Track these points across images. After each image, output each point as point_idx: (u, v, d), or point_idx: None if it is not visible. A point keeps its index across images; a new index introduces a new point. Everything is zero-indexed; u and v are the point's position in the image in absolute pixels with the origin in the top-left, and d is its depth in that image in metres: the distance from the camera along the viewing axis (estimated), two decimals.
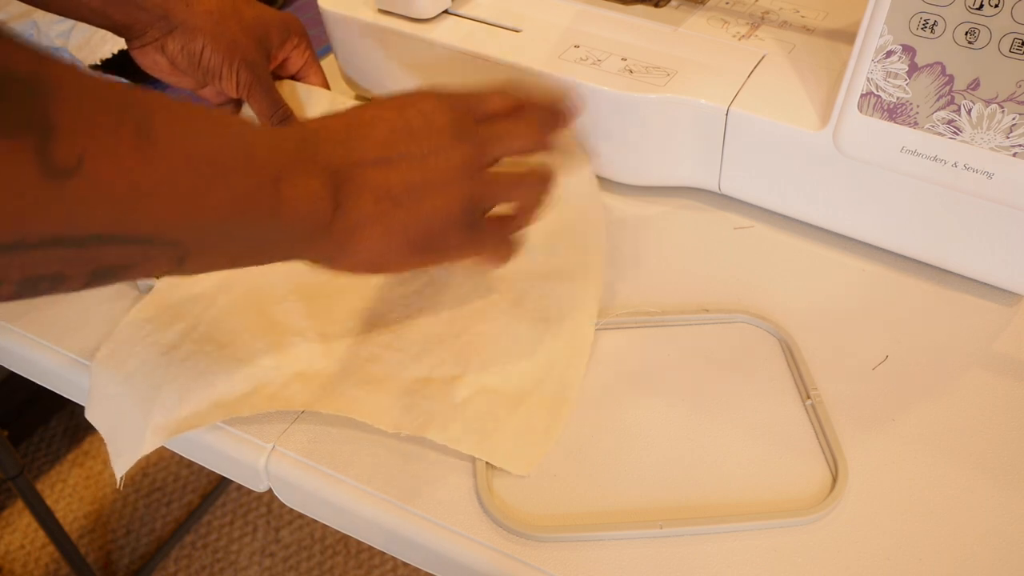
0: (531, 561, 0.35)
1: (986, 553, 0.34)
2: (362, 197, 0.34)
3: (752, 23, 0.51)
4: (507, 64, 0.49)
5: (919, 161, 0.41)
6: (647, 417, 0.40)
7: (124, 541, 1.19)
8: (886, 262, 0.47)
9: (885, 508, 0.36)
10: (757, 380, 0.41)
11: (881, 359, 0.42)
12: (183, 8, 0.47)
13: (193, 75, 0.49)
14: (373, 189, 0.34)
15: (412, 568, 1.16)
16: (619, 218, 0.50)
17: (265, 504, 1.23)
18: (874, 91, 0.41)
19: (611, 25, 0.52)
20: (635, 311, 0.44)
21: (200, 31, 0.47)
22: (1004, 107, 0.38)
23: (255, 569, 1.16)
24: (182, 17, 0.47)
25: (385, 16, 0.53)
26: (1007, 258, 0.43)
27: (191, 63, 0.48)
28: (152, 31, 0.47)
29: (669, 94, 0.46)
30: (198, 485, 1.26)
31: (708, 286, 0.46)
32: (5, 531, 1.21)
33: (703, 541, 0.35)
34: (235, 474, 0.41)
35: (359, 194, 0.34)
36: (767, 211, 0.50)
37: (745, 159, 0.47)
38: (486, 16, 0.53)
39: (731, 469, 0.38)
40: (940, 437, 0.38)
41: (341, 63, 0.58)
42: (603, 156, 0.51)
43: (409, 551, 0.37)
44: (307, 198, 0.32)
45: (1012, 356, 0.42)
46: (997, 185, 0.40)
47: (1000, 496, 0.36)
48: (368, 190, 0.34)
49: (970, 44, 0.37)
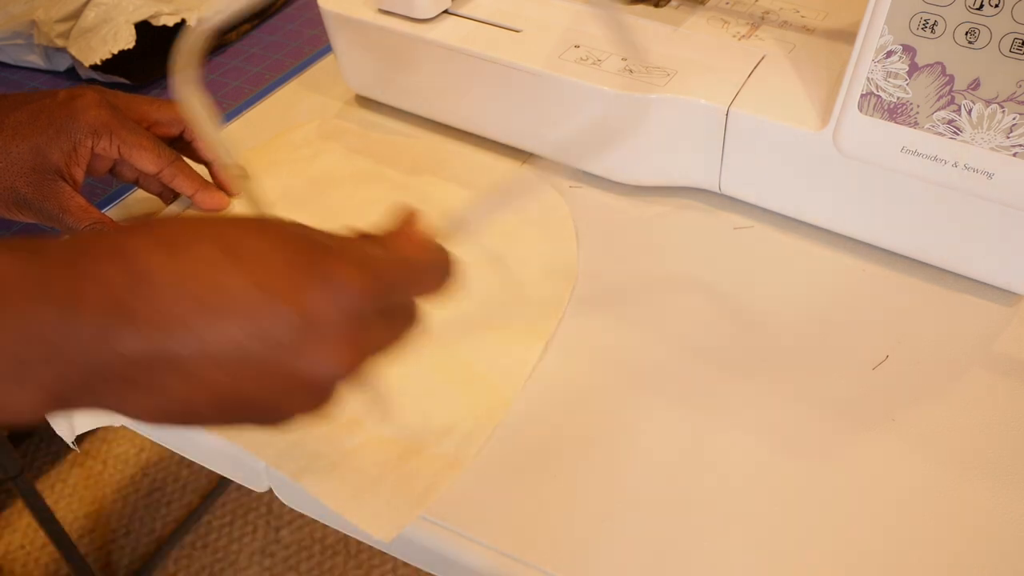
0: (531, 561, 0.35)
1: (986, 553, 0.34)
2: (124, 406, 0.24)
3: (752, 23, 0.51)
4: (507, 64, 0.49)
5: (919, 161, 0.41)
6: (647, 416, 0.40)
7: (124, 541, 1.19)
8: (886, 262, 0.47)
9: (885, 508, 0.36)
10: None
11: (881, 359, 0.42)
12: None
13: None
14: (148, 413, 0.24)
15: (412, 568, 1.16)
16: (619, 218, 0.50)
17: (265, 504, 1.23)
18: (874, 91, 0.41)
19: (611, 25, 0.51)
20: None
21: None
22: (1004, 107, 0.38)
23: (255, 569, 1.16)
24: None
25: (385, 16, 0.53)
26: (1007, 258, 0.43)
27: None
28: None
29: (669, 94, 0.46)
30: (198, 485, 1.26)
31: (708, 286, 0.46)
32: (5, 531, 1.21)
33: (703, 540, 0.35)
34: (235, 474, 0.41)
35: (121, 398, 0.24)
36: (767, 211, 0.50)
37: (745, 159, 0.47)
38: (486, 16, 0.53)
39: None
40: (940, 437, 0.38)
41: (341, 63, 0.58)
42: (603, 156, 0.51)
43: (409, 551, 0.37)
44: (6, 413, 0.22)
45: (1012, 356, 0.42)
46: (997, 185, 0.40)
47: (1000, 496, 0.36)
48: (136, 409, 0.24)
49: (970, 44, 0.37)
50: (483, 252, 0.47)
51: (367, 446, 0.38)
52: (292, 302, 0.24)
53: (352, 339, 0.26)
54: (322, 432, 0.38)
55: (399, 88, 0.56)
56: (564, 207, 0.50)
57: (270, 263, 0.25)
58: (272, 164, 0.54)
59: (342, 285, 0.25)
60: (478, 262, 0.47)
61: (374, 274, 0.26)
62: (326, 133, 0.57)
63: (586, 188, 0.52)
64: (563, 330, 0.44)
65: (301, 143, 0.56)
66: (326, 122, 0.58)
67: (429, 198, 0.51)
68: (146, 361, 0.23)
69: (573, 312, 0.45)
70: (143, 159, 0.46)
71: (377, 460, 0.37)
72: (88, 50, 0.62)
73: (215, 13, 0.42)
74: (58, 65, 0.67)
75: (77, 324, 0.23)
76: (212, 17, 0.42)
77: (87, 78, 0.65)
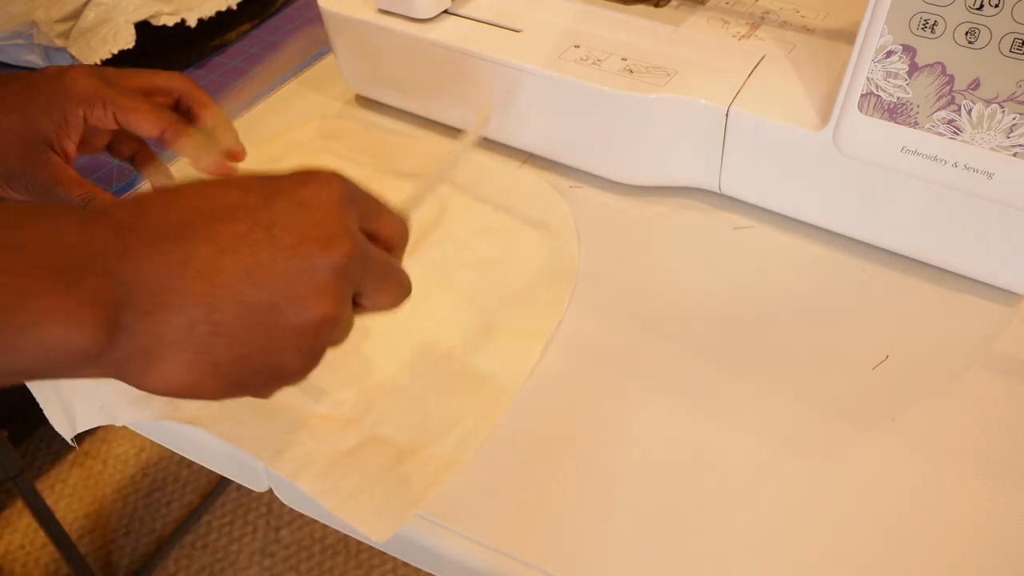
0: (531, 561, 0.35)
1: (986, 553, 0.34)
2: (168, 319, 0.27)
3: (752, 23, 0.51)
4: (507, 64, 0.49)
5: (919, 161, 0.41)
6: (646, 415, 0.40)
7: (124, 541, 1.19)
8: (886, 262, 0.47)
9: (885, 508, 0.36)
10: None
11: (881, 359, 0.42)
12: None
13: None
14: (189, 309, 0.27)
15: (412, 568, 1.16)
16: (619, 218, 0.50)
17: (265, 504, 1.23)
18: (874, 91, 0.41)
19: (611, 25, 0.52)
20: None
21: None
22: (1004, 107, 0.38)
23: (255, 569, 1.16)
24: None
25: (385, 16, 0.53)
26: (1007, 258, 0.43)
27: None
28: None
29: (669, 94, 0.46)
30: (198, 485, 1.26)
31: (708, 286, 0.46)
32: (5, 531, 1.21)
33: (703, 540, 0.35)
34: (235, 474, 0.41)
35: (164, 315, 0.27)
36: (767, 211, 0.50)
37: (745, 159, 0.47)
38: (486, 16, 0.53)
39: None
40: (940, 437, 0.38)
41: (341, 63, 0.58)
42: (603, 156, 0.51)
43: (409, 551, 0.37)
44: (58, 326, 0.25)
45: (1012, 356, 0.42)
46: (997, 185, 0.40)
47: (1000, 496, 0.36)
48: (180, 310, 0.27)
49: (970, 44, 0.37)
50: (483, 252, 0.47)
51: (365, 446, 0.38)
52: (298, 256, 0.28)
53: (337, 291, 0.29)
54: (320, 432, 0.38)
55: (399, 88, 0.56)
56: (564, 207, 0.50)
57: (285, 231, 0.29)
58: (272, 164, 0.54)
59: (336, 251, 0.29)
60: (478, 262, 0.47)
61: (363, 260, 0.30)
62: (326, 133, 0.57)
63: (586, 188, 0.52)
64: (563, 330, 0.44)
65: (301, 143, 0.56)
66: (326, 122, 0.58)
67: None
68: (165, 289, 0.27)
69: (573, 312, 0.45)
70: (142, 122, 0.43)
71: (375, 460, 0.37)
72: (88, 50, 0.62)
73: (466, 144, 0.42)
74: (58, 65, 0.67)
75: (124, 257, 0.26)
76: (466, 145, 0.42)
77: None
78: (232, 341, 0.28)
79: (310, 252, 0.29)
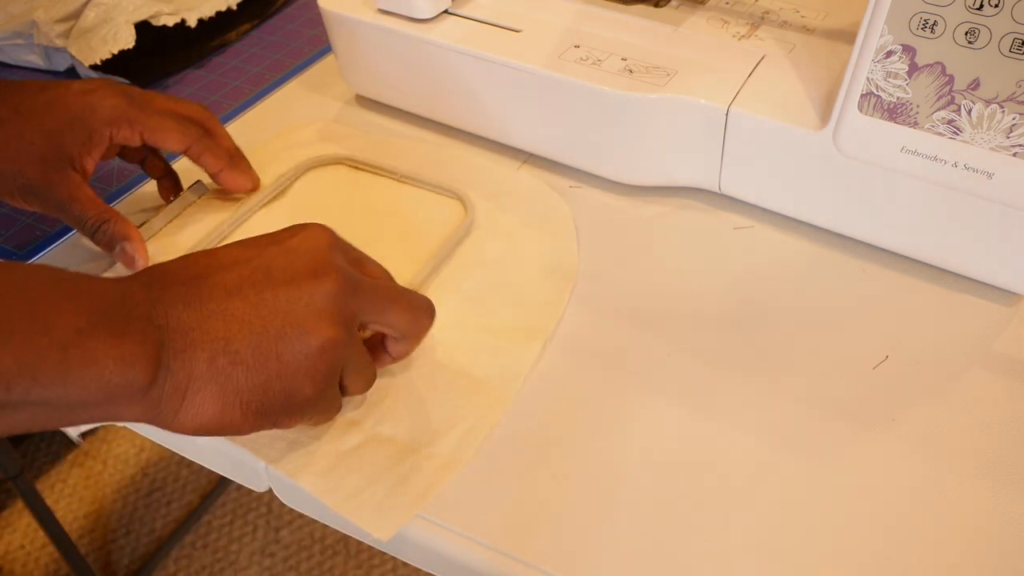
0: (531, 561, 0.35)
1: (986, 553, 0.34)
2: (195, 354, 0.31)
3: (752, 23, 0.51)
4: (507, 64, 0.49)
5: (919, 161, 0.41)
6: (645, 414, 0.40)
7: (124, 541, 1.19)
8: (886, 262, 0.47)
9: (885, 508, 0.36)
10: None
11: (881, 359, 0.42)
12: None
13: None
14: (210, 343, 0.31)
15: (412, 568, 1.16)
16: (619, 218, 0.50)
17: (265, 504, 1.23)
18: (874, 91, 0.41)
19: (611, 25, 0.52)
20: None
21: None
22: (1004, 107, 0.38)
23: (255, 569, 1.16)
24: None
25: (385, 16, 0.53)
26: (1007, 258, 0.43)
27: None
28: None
29: (669, 94, 0.46)
30: (198, 485, 1.26)
31: (708, 286, 0.46)
32: (5, 531, 1.21)
33: (703, 540, 0.35)
34: (235, 474, 0.41)
35: (192, 351, 0.31)
36: (767, 211, 0.50)
37: (745, 159, 0.47)
38: (486, 16, 0.53)
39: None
40: (940, 437, 0.38)
41: (341, 63, 0.58)
42: (603, 156, 0.51)
43: (409, 551, 0.37)
44: (113, 362, 0.29)
45: (1012, 356, 0.42)
46: (997, 185, 0.40)
47: (1000, 496, 0.36)
48: (203, 345, 0.31)
49: (970, 44, 0.37)
50: (483, 252, 0.48)
51: (366, 446, 0.38)
52: (294, 288, 0.33)
53: (333, 314, 0.33)
54: (321, 432, 0.38)
55: (399, 88, 0.56)
56: (564, 207, 0.50)
57: (291, 273, 0.34)
58: (272, 163, 0.54)
59: (326, 280, 0.34)
60: (478, 262, 0.47)
61: (354, 285, 0.34)
62: (326, 135, 0.57)
63: (586, 188, 0.52)
64: (563, 330, 0.44)
65: (301, 144, 0.56)
66: (327, 125, 0.58)
67: (422, 204, 0.51)
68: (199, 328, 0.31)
69: (573, 312, 0.45)
70: (169, 139, 0.46)
71: (375, 459, 0.37)
72: (88, 50, 0.62)
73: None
74: (58, 65, 0.67)
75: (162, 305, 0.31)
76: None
77: (87, 78, 0.65)
78: (249, 369, 0.32)
79: (304, 284, 0.33)
